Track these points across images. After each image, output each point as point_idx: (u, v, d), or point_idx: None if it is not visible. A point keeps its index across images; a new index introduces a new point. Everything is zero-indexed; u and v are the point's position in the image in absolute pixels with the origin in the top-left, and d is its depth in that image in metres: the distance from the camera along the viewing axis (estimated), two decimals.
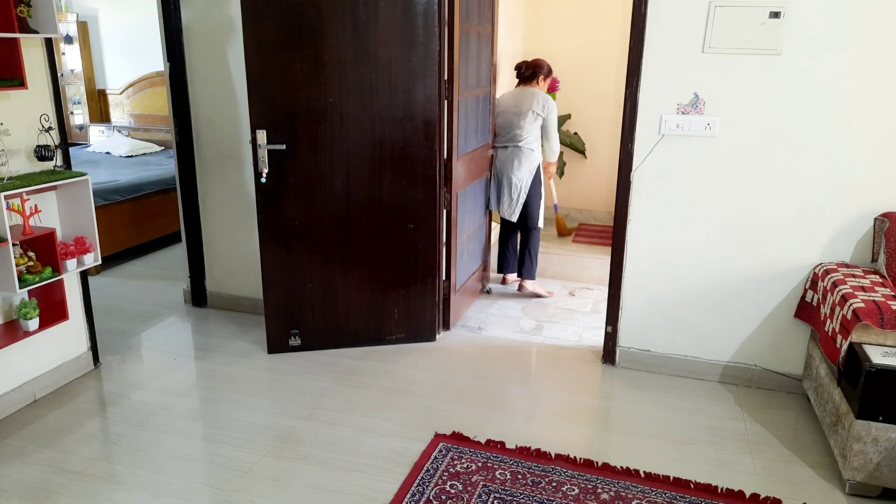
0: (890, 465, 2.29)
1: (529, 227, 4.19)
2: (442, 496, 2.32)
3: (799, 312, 2.97)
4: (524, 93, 4.09)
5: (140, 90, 6.77)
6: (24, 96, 2.77)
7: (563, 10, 5.32)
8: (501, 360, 3.47)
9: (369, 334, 3.49)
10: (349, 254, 3.33)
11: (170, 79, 3.68)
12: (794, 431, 2.80)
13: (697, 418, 2.88)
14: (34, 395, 2.96)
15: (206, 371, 3.28)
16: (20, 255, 2.69)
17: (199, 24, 3.57)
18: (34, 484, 2.39)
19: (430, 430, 2.74)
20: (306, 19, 2.99)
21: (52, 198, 2.93)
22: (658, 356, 3.27)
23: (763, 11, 2.72)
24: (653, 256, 3.15)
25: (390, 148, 3.23)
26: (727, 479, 2.45)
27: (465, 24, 3.41)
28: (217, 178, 3.79)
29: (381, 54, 3.09)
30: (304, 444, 2.65)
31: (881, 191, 2.79)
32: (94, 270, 4.47)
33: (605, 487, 2.38)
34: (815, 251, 2.92)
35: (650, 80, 2.95)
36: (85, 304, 3.20)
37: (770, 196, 2.92)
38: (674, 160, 3.00)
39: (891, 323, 2.32)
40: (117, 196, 4.87)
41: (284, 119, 3.07)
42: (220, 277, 3.99)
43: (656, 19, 2.87)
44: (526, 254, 4.24)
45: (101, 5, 6.73)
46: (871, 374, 2.22)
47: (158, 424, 2.78)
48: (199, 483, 2.41)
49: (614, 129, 3.95)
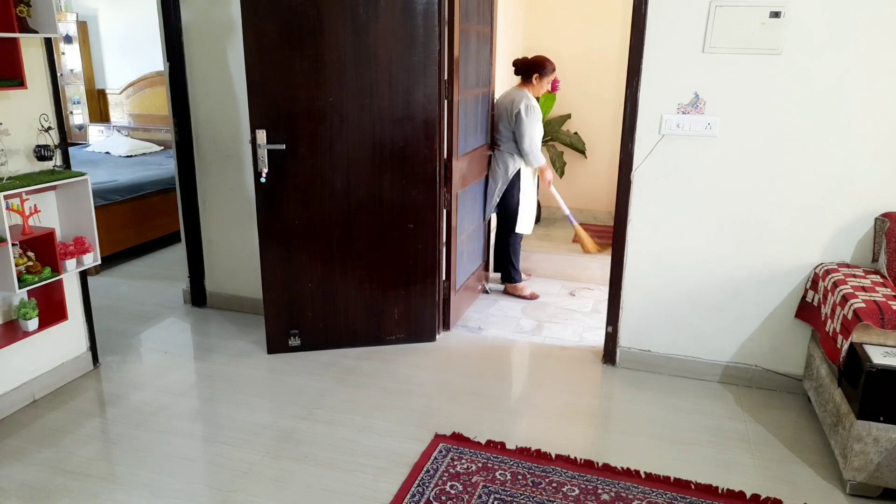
0: (890, 465, 2.28)
1: (507, 229, 4.12)
2: (442, 497, 2.31)
3: (799, 312, 2.97)
4: (509, 94, 3.98)
5: (140, 90, 6.77)
6: (23, 96, 2.77)
7: (563, 9, 5.32)
8: (501, 361, 3.47)
9: (369, 334, 3.48)
10: (349, 254, 3.33)
11: (169, 79, 3.68)
12: (794, 432, 2.79)
13: (698, 418, 2.88)
14: (33, 395, 2.95)
15: (205, 371, 3.27)
16: (19, 255, 2.69)
17: (199, 24, 3.57)
18: (34, 484, 2.39)
19: (430, 430, 2.74)
20: (306, 19, 2.99)
21: (52, 198, 2.93)
22: (658, 356, 3.26)
23: (763, 11, 2.72)
24: (653, 256, 3.15)
25: (390, 148, 3.22)
26: (728, 479, 2.45)
27: (464, 23, 3.40)
28: (217, 178, 3.79)
29: (381, 54, 3.09)
30: (303, 444, 2.65)
31: (882, 190, 2.79)
32: (93, 270, 4.46)
33: (606, 488, 2.38)
34: (815, 251, 2.92)
35: (650, 80, 2.95)
36: (84, 305, 3.20)
37: (770, 196, 2.92)
38: (674, 160, 3.00)
39: (891, 323, 2.32)
40: (117, 196, 4.87)
41: (284, 119, 3.07)
42: (220, 277, 3.99)
43: (656, 19, 2.87)
44: (505, 258, 4.19)
45: (101, 5, 6.73)
46: (872, 374, 2.22)
47: (158, 424, 2.78)
48: (199, 483, 2.41)
49: (614, 129, 3.94)
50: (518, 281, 4.22)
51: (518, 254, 4.21)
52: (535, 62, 3.93)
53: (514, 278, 4.22)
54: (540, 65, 3.92)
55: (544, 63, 3.94)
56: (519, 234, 4.14)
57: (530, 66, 3.94)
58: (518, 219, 4.09)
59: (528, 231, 4.18)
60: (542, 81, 3.93)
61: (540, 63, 3.93)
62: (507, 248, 4.17)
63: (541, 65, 3.92)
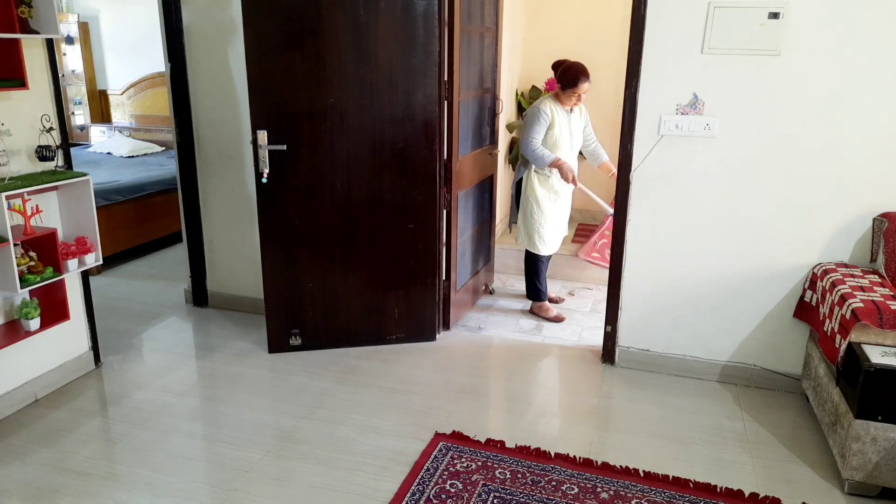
0: (889, 464, 2.29)
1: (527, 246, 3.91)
2: (442, 495, 2.32)
3: (798, 312, 2.98)
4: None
5: (141, 91, 6.78)
6: (25, 97, 2.78)
7: (563, 10, 5.33)
8: (501, 360, 3.48)
9: (369, 334, 3.49)
10: (349, 254, 3.34)
11: (171, 79, 3.69)
12: (793, 431, 2.80)
13: (696, 418, 2.89)
14: (35, 394, 2.96)
15: (206, 370, 3.29)
16: (21, 256, 2.70)
17: (200, 25, 3.58)
18: (35, 483, 2.40)
19: (430, 429, 2.75)
20: (307, 20, 3.00)
21: (54, 198, 2.94)
22: (657, 356, 3.27)
23: (762, 12, 2.73)
24: (652, 256, 3.15)
25: (390, 148, 3.23)
26: (726, 478, 2.46)
27: (466, 25, 3.41)
28: (218, 179, 3.80)
29: (381, 55, 3.10)
30: (304, 443, 2.66)
31: (880, 191, 2.80)
32: (95, 270, 4.48)
33: (605, 486, 2.39)
34: (813, 251, 2.93)
35: (649, 81, 2.95)
36: (86, 304, 3.21)
37: (769, 196, 2.92)
38: (673, 160, 3.01)
39: (889, 323, 2.32)
40: (118, 196, 4.88)
41: (285, 119, 3.08)
42: (221, 277, 4.00)
43: (656, 20, 2.88)
44: (527, 274, 3.98)
45: (102, 6, 6.74)
46: (870, 373, 2.23)
47: (159, 424, 2.79)
48: (200, 482, 2.42)
49: (614, 130, 3.93)
50: (539, 300, 3.96)
51: (540, 272, 3.92)
52: (560, 74, 3.65)
53: (536, 296, 3.97)
54: (562, 77, 3.64)
55: (557, 68, 3.69)
56: (535, 253, 3.87)
57: (557, 76, 3.70)
58: (531, 236, 3.83)
59: (545, 252, 3.86)
60: (566, 93, 3.62)
61: (562, 75, 3.64)
62: (527, 265, 3.96)
63: (562, 78, 3.63)
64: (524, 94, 5.30)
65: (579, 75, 3.57)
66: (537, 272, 3.93)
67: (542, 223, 3.81)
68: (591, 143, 3.97)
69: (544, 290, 3.97)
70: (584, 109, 3.84)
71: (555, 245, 3.92)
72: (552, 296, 4.15)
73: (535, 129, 3.62)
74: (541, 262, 3.92)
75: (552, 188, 3.78)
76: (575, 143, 3.78)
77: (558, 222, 3.87)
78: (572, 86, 3.59)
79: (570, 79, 3.59)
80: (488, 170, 4.09)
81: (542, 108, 3.64)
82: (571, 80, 3.58)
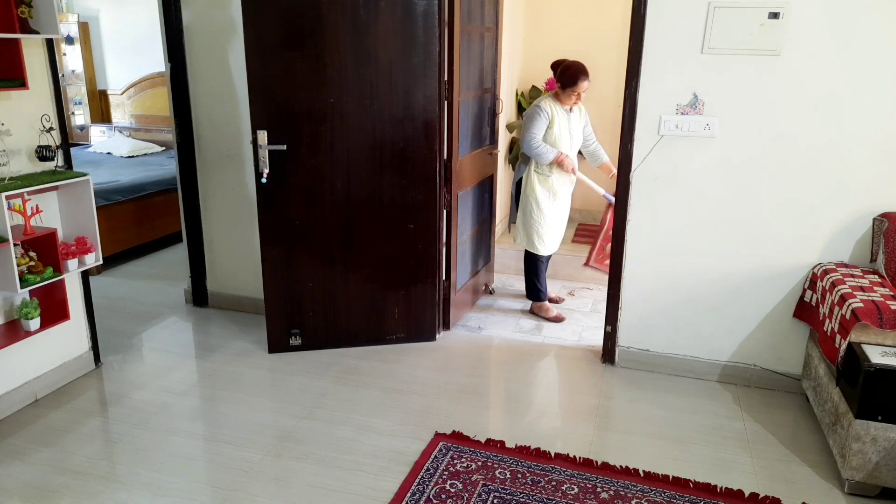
0: (889, 464, 2.29)
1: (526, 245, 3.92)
2: (442, 495, 2.32)
3: (798, 312, 2.98)
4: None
5: (141, 91, 6.78)
6: (25, 97, 2.78)
7: (563, 10, 5.33)
8: (501, 360, 3.48)
9: (369, 334, 3.49)
10: (349, 254, 3.34)
11: (171, 79, 3.69)
12: (792, 431, 2.80)
13: (696, 418, 2.89)
14: (35, 394, 2.96)
15: (206, 370, 3.29)
16: (21, 256, 2.70)
17: (200, 25, 3.58)
18: (35, 483, 2.40)
19: (430, 429, 2.75)
20: (307, 20, 3.00)
21: (54, 198, 2.94)
22: (657, 356, 3.27)
23: (762, 12, 2.73)
24: (652, 256, 3.15)
25: (390, 148, 3.23)
26: (726, 478, 2.46)
27: (466, 25, 3.41)
28: (218, 179, 3.80)
29: (381, 55, 3.10)
30: (304, 443, 2.66)
31: (880, 191, 2.80)
32: (95, 270, 4.48)
33: (605, 486, 2.39)
34: (813, 251, 2.93)
35: (649, 81, 2.95)
36: (86, 304, 3.21)
37: (769, 196, 2.93)
38: (673, 160, 3.01)
39: (889, 323, 2.32)
40: (118, 196, 4.88)
41: (285, 119, 3.08)
42: (221, 277, 4.00)
43: (656, 20, 2.88)
44: (527, 274, 3.99)
45: (102, 6, 6.74)
46: (870, 373, 2.23)
47: (159, 424, 2.79)
48: (200, 482, 2.42)
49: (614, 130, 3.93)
50: (539, 300, 3.96)
51: (540, 272, 3.92)
52: (560, 74, 3.65)
53: (535, 297, 3.97)
54: (561, 76, 3.64)
55: (564, 76, 3.62)
56: (533, 252, 3.88)
57: (557, 75, 3.68)
58: (530, 236, 3.84)
59: (544, 252, 3.87)
60: (566, 92, 3.62)
61: (562, 74, 3.64)
62: (527, 266, 3.95)
63: (562, 77, 3.63)
64: (524, 93, 5.30)
65: (579, 74, 3.58)
66: (537, 272, 3.94)
67: (542, 223, 3.82)
68: (591, 144, 3.97)
69: (544, 289, 3.98)
70: (584, 109, 3.84)
71: (554, 245, 3.92)
72: (552, 296, 4.16)
73: (536, 126, 3.62)
74: (540, 262, 3.93)
75: (552, 188, 3.78)
76: (574, 142, 3.79)
77: (558, 222, 3.88)
78: (572, 85, 3.59)
79: (569, 78, 3.59)
80: (488, 170, 4.09)
81: (541, 105, 3.65)
82: (571, 79, 3.59)
